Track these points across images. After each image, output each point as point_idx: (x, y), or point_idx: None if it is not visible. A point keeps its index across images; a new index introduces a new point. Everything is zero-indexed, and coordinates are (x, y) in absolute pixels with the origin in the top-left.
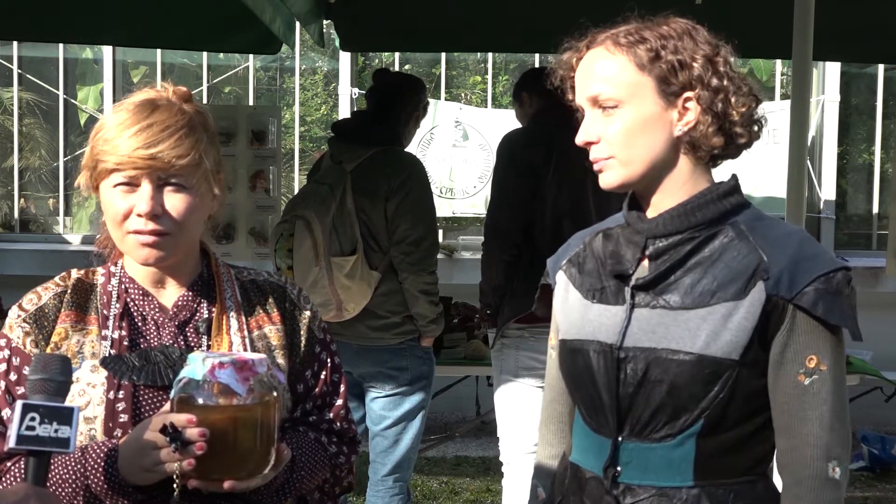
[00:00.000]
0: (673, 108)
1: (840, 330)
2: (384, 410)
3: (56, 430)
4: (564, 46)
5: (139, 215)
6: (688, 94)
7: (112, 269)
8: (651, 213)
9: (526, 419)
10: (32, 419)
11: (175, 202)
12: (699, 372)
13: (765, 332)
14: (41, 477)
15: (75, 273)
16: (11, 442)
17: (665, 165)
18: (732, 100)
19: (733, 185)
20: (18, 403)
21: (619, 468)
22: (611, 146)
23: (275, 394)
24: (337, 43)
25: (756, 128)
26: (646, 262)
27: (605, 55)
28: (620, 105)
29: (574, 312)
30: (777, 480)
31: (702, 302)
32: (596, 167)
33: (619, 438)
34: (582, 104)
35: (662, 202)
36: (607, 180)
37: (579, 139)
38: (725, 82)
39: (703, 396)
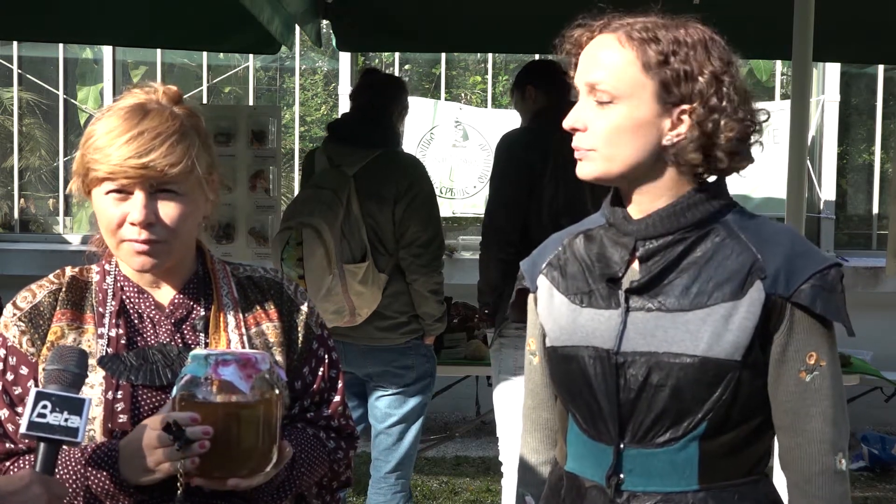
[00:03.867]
0: (667, 117)
1: (833, 325)
2: (389, 408)
3: (66, 420)
4: (578, 22)
5: (132, 224)
6: (685, 106)
7: (107, 266)
8: (636, 213)
9: None
10: (44, 407)
11: (168, 210)
12: (703, 374)
13: (764, 331)
14: (50, 465)
15: (69, 271)
16: (23, 428)
17: (647, 170)
18: (723, 122)
19: (720, 187)
20: (32, 391)
21: (621, 476)
22: (596, 139)
23: (277, 391)
24: (334, 43)
25: (742, 155)
26: (635, 265)
27: (615, 45)
28: (616, 100)
29: (562, 318)
30: (777, 480)
31: (699, 303)
32: (576, 155)
33: (621, 445)
34: (579, 86)
35: (647, 203)
36: (584, 171)
37: (567, 123)
38: (725, 103)
39: (707, 399)
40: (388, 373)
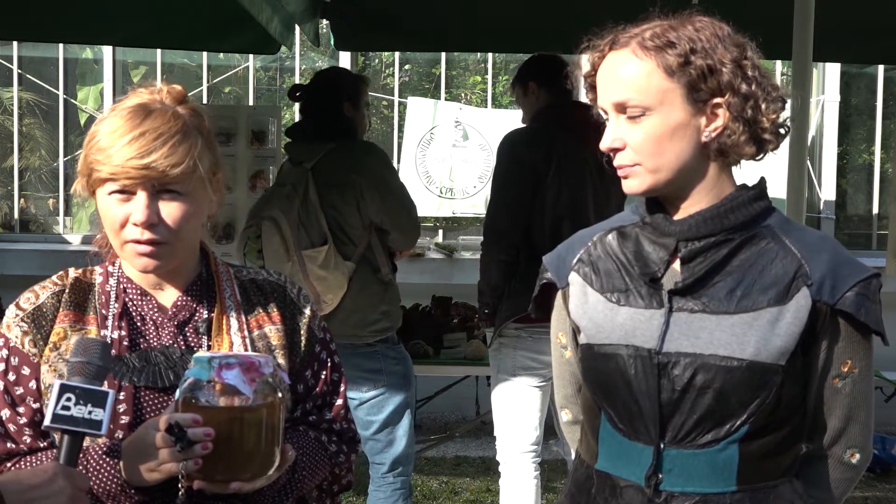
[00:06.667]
0: (701, 115)
1: (871, 333)
2: (369, 416)
3: (90, 412)
4: (584, 45)
5: (135, 224)
6: (717, 99)
7: (110, 268)
8: (676, 213)
9: (523, 419)
10: (68, 399)
11: (171, 210)
12: (749, 378)
13: (808, 338)
14: (73, 457)
15: (73, 272)
16: (47, 420)
17: (692, 171)
18: (763, 106)
19: (763, 189)
20: (56, 383)
21: (660, 475)
22: (637, 153)
23: (280, 395)
24: (332, 42)
25: (783, 131)
26: (676, 265)
27: (632, 59)
28: (648, 112)
29: (599, 315)
30: None
31: (745, 306)
32: (620, 173)
33: (661, 445)
34: (605, 107)
35: (689, 203)
36: (632, 187)
37: (604, 145)
38: (754, 87)
39: (751, 402)
40: (358, 378)
